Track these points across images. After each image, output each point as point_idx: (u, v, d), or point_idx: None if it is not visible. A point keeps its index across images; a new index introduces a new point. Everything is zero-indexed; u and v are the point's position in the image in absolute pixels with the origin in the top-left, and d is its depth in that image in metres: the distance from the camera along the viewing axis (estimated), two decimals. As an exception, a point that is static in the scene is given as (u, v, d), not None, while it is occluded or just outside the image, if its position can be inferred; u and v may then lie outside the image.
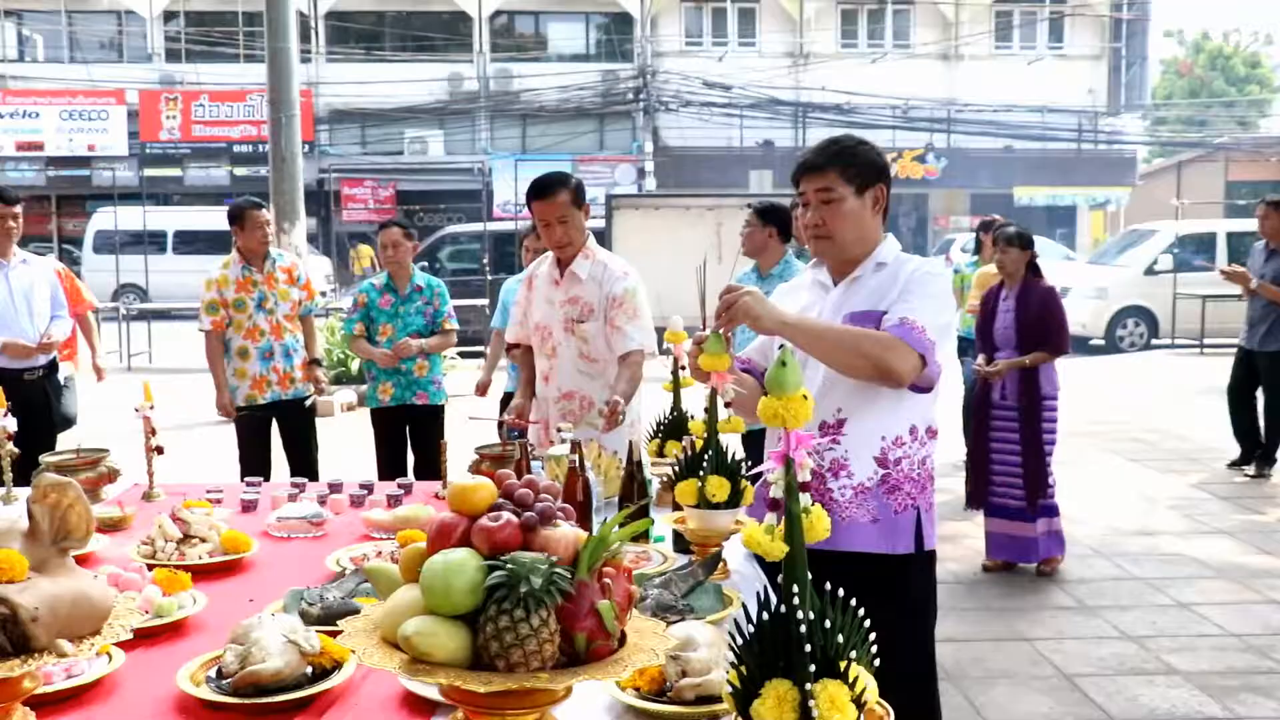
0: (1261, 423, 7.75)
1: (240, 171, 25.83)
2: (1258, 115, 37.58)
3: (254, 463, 5.83)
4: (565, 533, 1.57)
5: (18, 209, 5.33)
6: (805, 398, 1.49)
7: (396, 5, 28.38)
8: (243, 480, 5.76)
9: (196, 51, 26.83)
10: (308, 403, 5.98)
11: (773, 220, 5.42)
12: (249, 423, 5.85)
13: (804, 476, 1.51)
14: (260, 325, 5.73)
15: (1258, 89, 38.26)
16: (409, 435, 5.96)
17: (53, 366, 5.55)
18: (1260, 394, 7.73)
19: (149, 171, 23.17)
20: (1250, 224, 7.94)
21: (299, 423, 5.99)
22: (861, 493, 2.60)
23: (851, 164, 2.62)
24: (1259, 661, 4.56)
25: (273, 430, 5.97)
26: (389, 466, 5.80)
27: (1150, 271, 15.92)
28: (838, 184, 2.61)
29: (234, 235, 5.79)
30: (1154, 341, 15.81)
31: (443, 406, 5.98)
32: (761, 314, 2.43)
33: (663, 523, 2.83)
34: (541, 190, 3.89)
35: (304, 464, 5.88)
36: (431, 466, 5.57)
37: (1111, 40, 29.55)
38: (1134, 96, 30.21)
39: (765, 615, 1.50)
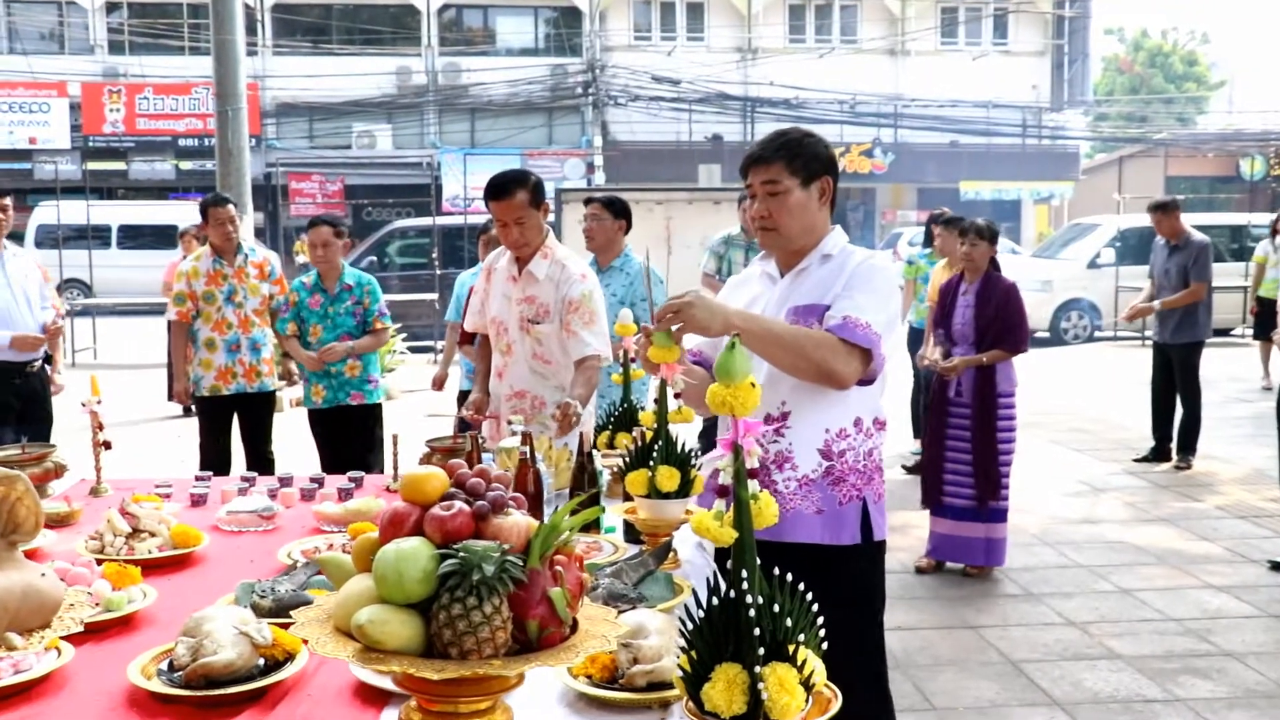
0: (1179, 413, 7.92)
1: (186, 165, 25.48)
2: (1195, 112, 38.35)
3: (214, 452, 6.00)
4: (517, 521, 1.59)
5: (7, 200, 5.36)
6: (753, 385, 1.52)
7: (344, -2, 28.13)
8: (199, 471, 5.86)
9: (140, 44, 26.38)
10: (280, 392, 6.13)
11: (623, 214, 5.47)
12: (211, 412, 6.02)
13: (752, 463, 1.54)
14: (228, 318, 5.92)
15: (1195, 86, 39.03)
16: (348, 434, 5.80)
17: (47, 358, 5.61)
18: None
19: (92, 165, 22.75)
20: (1187, 218, 8.14)
21: (259, 416, 6.12)
22: (806, 484, 2.60)
23: (797, 156, 2.63)
24: (1196, 645, 4.67)
25: (234, 422, 6.09)
26: (330, 466, 5.76)
27: (1093, 265, 16.21)
28: (783, 176, 2.62)
29: (203, 230, 6.08)
30: (1097, 333, 16.09)
31: (380, 405, 5.87)
32: (709, 323, 2.41)
33: (613, 513, 2.85)
34: (498, 190, 3.81)
35: (259, 457, 5.99)
36: (371, 466, 5.54)
37: (1054, 37, 29.99)
38: (1076, 92, 30.68)
39: (715, 600, 1.53)
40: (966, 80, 28.10)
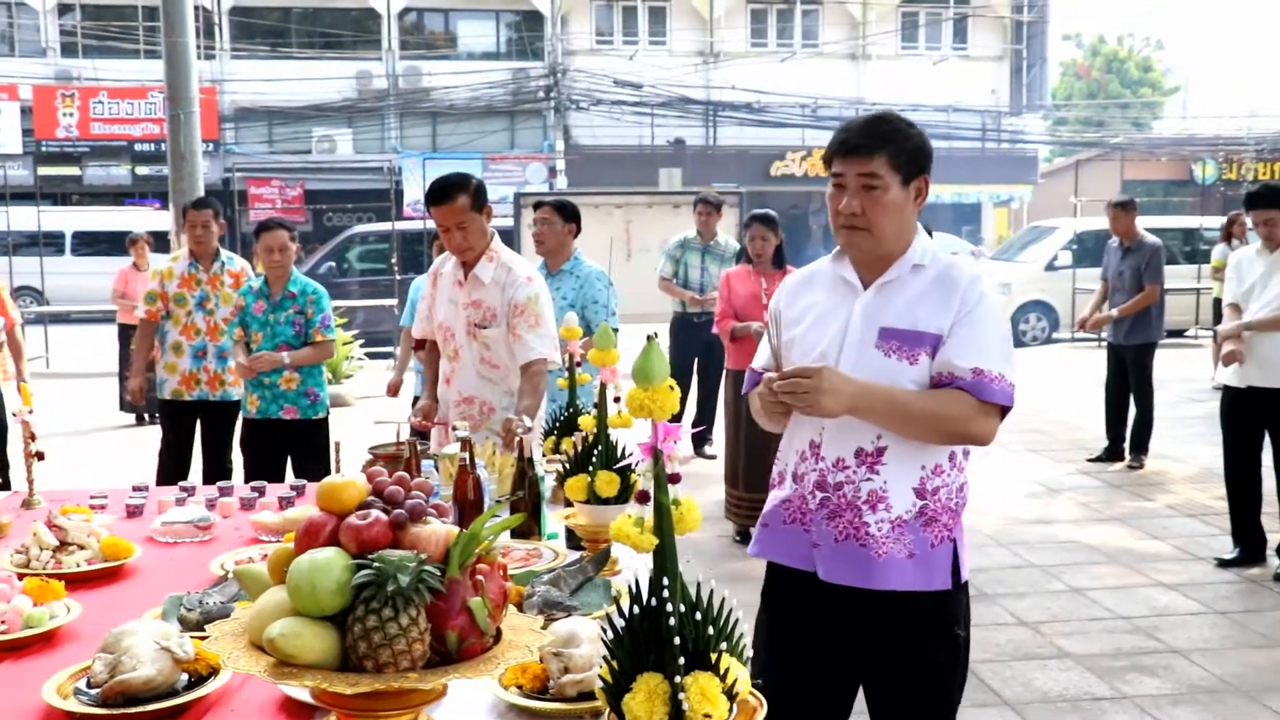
0: (1131, 413, 8.01)
1: (142, 170, 25.14)
2: (1150, 117, 38.86)
3: (174, 459, 5.93)
4: (436, 530, 1.56)
5: None
6: (671, 388, 1.50)
7: (303, 1, 27.88)
8: (158, 477, 5.76)
9: (94, 46, 26.04)
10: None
11: (573, 217, 5.46)
12: (173, 418, 5.96)
13: (673, 468, 1.51)
14: (197, 324, 5.85)
15: (1150, 91, 39.57)
16: (277, 449, 5.52)
17: None
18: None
19: (45, 170, 22.41)
20: (1141, 221, 8.21)
21: (221, 425, 6.01)
22: (899, 526, 2.29)
23: (903, 150, 2.29)
24: (1145, 642, 4.71)
25: (196, 429, 6.02)
26: (254, 479, 5.59)
27: (1051, 267, 16.36)
28: (885, 170, 2.27)
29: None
30: (1055, 335, 16.24)
31: (322, 420, 5.54)
32: (834, 409, 2.18)
33: (555, 519, 2.82)
34: (438, 195, 3.77)
35: (219, 466, 5.90)
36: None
37: (1013, 42, 30.27)
38: (1035, 97, 30.99)
39: (636, 609, 1.50)
40: (927, 84, 28.29)
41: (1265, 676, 4.35)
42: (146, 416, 10.03)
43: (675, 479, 1.52)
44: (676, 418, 1.59)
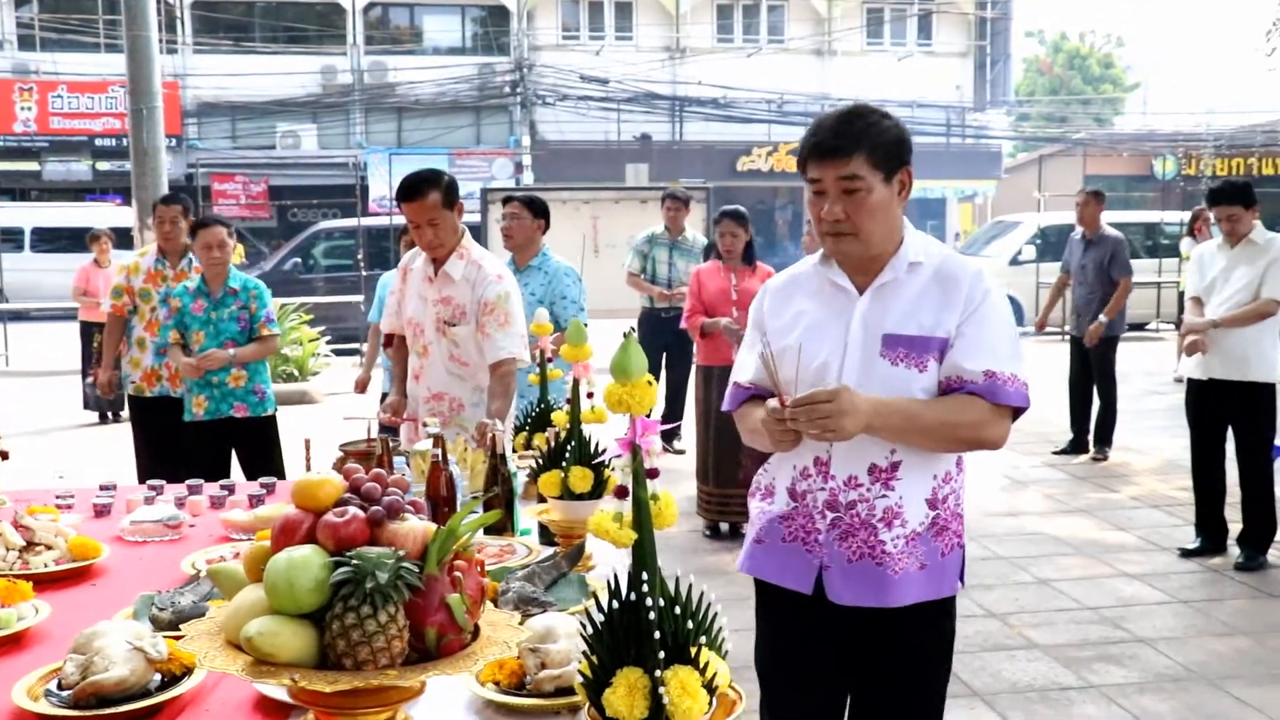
0: (1095, 406, 8.13)
1: (103, 166, 24.84)
2: (1112, 113, 39.33)
3: (149, 455, 5.84)
4: (413, 526, 1.56)
5: None
6: (650, 384, 1.50)
7: (266, -5, 27.66)
8: (137, 470, 5.69)
9: (53, 39, 25.69)
10: None
11: (542, 213, 5.46)
12: (140, 413, 5.92)
13: (651, 463, 1.52)
14: (160, 320, 5.76)
15: (1111, 88, 40.04)
16: (235, 450, 5.39)
17: None
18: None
19: (2, 165, 22.12)
20: (1104, 215, 8.30)
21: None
22: (913, 540, 2.20)
23: (879, 146, 2.14)
24: (1111, 632, 4.77)
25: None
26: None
27: (1015, 261, 16.50)
28: (865, 170, 2.13)
29: None
30: (1020, 329, 16.40)
31: (271, 417, 5.40)
32: (854, 431, 2.05)
33: (528, 515, 2.82)
34: (410, 191, 3.75)
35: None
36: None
37: (977, 38, 30.52)
38: (999, 93, 31.28)
39: (615, 604, 1.51)
40: (892, 80, 28.45)
41: (1228, 664, 4.42)
42: (110, 415, 9.92)
43: (653, 474, 1.52)
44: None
